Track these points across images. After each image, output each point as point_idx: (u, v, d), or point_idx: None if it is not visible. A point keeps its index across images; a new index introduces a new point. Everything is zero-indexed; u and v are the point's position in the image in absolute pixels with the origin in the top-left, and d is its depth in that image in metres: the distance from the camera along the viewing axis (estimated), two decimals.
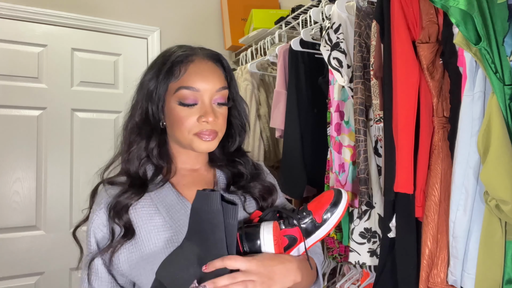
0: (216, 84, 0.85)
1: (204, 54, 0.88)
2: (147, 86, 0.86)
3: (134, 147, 0.86)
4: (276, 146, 2.08)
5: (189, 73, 0.84)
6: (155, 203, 0.85)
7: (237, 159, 0.95)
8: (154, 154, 0.87)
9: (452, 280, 0.96)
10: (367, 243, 1.33)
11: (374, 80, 1.23)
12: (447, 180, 1.01)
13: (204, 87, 0.84)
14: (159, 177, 0.87)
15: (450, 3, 0.86)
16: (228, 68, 0.91)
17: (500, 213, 0.84)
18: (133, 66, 2.31)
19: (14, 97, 2.05)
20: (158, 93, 0.85)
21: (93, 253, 0.82)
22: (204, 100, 0.84)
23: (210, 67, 0.87)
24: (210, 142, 0.85)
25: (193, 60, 0.86)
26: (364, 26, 1.32)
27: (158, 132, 0.87)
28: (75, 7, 2.21)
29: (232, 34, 2.38)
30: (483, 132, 0.85)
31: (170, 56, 0.86)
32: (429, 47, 1.04)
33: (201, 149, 0.85)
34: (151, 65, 0.90)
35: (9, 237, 2.00)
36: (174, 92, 0.84)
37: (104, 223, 0.83)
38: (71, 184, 2.15)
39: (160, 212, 0.84)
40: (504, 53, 0.86)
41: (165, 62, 0.86)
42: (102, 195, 0.86)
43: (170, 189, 0.87)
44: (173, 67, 0.84)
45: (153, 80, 0.86)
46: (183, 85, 0.83)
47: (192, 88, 0.83)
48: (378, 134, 1.30)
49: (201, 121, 0.83)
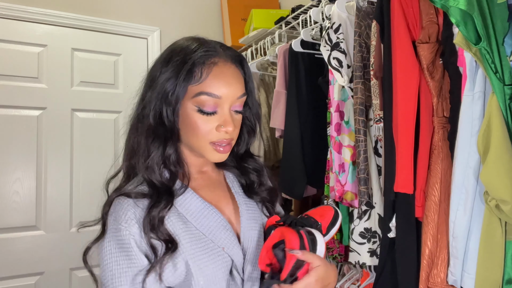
0: (238, 91, 0.80)
1: (227, 56, 0.82)
2: (164, 86, 0.79)
3: (153, 153, 0.79)
4: (276, 146, 2.08)
5: (212, 77, 0.78)
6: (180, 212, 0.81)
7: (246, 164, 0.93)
8: (171, 161, 0.81)
9: (452, 280, 0.96)
10: (367, 243, 1.33)
11: (374, 80, 1.23)
12: (447, 180, 1.01)
13: (226, 94, 0.78)
14: (177, 183, 0.83)
15: (450, 3, 0.86)
16: (249, 71, 0.87)
17: (500, 213, 0.84)
18: (133, 66, 2.31)
19: (14, 97, 2.05)
20: (176, 95, 0.78)
21: (144, 268, 0.75)
22: (223, 107, 0.79)
23: (233, 72, 0.81)
24: (225, 153, 0.82)
25: (216, 62, 0.80)
26: (364, 26, 1.32)
27: (176, 137, 0.81)
28: (75, 7, 2.21)
29: (232, 34, 2.38)
30: (483, 132, 0.85)
31: (190, 54, 0.79)
32: (429, 47, 1.04)
33: (214, 160, 0.82)
34: (166, 60, 0.82)
35: (9, 237, 2.00)
36: (193, 96, 0.78)
37: (140, 239, 0.76)
38: (71, 184, 2.14)
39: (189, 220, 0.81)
40: (504, 53, 0.86)
41: (185, 61, 0.78)
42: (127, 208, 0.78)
43: (193, 196, 0.83)
44: (194, 68, 0.78)
45: (171, 81, 0.78)
46: (204, 90, 0.77)
47: (214, 95, 0.78)
48: (378, 134, 1.30)
49: (220, 130, 0.79)
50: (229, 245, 0.81)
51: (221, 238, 0.81)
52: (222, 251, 0.80)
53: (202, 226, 0.81)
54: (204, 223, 0.81)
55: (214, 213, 0.83)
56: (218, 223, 0.83)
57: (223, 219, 0.84)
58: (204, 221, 0.81)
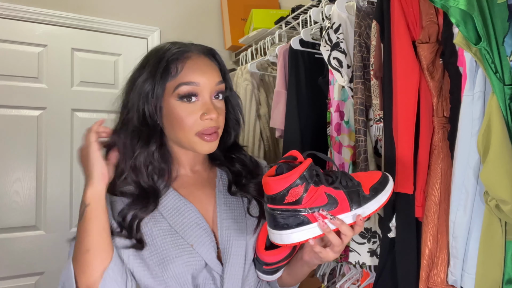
0: (214, 78, 0.83)
1: (199, 50, 0.86)
2: (142, 87, 0.82)
3: (137, 152, 0.82)
4: (276, 146, 2.08)
5: (187, 69, 0.82)
6: (159, 208, 0.83)
7: (234, 156, 0.94)
8: (155, 158, 0.83)
9: (452, 280, 0.96)
10: (367, 243, 1.33)
11: (374, 80, 1.23)
12: (447, 180, 1.01)
13: (203, 81, 0.82)
14: (161, 182, 0.85)
15: (450, 3, 0.86)
16: (222, 62, 0.90)
17: (500, 213, 0.84)
18: (133, 66, 2.30)
19: (14, 97, 2.05)
20: (156, 93, 0.81)
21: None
22: (204, 95, 0.82)
23: (207, 62, 0.85)
24: (213, 142, 0.83)
25: (189, 56, 0.83)
26: (364, 26, 1.32)
27: (158, 134, 0.84)
28: (75, 7, 2.21)
29: (232, 34, 2.38)
30: (483, 132, 0.85)
31: (164, 54, 0.83)
32: (429, 47, 1.04)
33: (204, 151, 0.83)
34: (142, 64, 0.87)
35: (9, 237, 2.00)
36: (173, 91, 0.81)
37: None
38: (71, 184, 2.15)
39: (164, 217, 0.83)
40: (504, 53, 0.85)
41: (160, 60, 0.82)
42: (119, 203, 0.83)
43: (173, 194, 0.85)
44: (169, 65, 0.81)
45: (148, 81, 0.82)
46: (182, 81, 0.81)
47: (192, 83, 0.81)
48: (378, 134, 1.30)
49: (204, 118, 0.80)
50: (198, 242, 0.81)
51: (191, 235, 0.81)
52: (191, 248, 0.81)
53: (175, 222, 0.82)
54: (178, 220, 0.82)
55: (189, 210, 0.84)
56: (192, 220, 0.83)
57: (198, 217, 0.84)
58: (178, 218, 0.83)
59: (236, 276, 0.83)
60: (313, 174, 0.74)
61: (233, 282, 0.82)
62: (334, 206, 0.75)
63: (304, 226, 0.73)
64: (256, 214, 0.90)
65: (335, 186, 0.76)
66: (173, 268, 0.78)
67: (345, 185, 0.77)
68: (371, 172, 0.85)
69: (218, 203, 0.88)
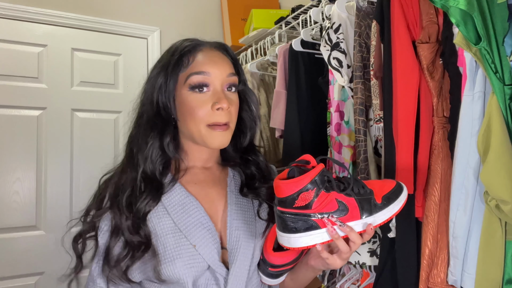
0: (226, 69, 0.84)
1: (211, 44, 0.88)
2: (156, 80, 0.84)
3: (150, 143, 0.83)
4: (276, 146, 2.08)
5: (198, 60, 0.83)
6: (164, 204, 0.83)
7: (250, 158, 0.93)
8: (166, 150, 0.83)
9: (452, 280, 0.96)
10: (367, 243, 1.33)
11: (374, 80, 1.23)
12: (447, 180, 1.01)
13: (214, 71, 0.82)
14: (168, 176, 0.85)
15: (450, 3, 0.86)
16: (235, 57, 0.90)
17: (500, 213, 0.84)
18: (133, 66, 2.31)
19: (14, 97, 2.05)
20: (168, 85, 0.82)
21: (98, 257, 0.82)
22: (215, 85, 0.82)
23: (219, 54, 0.86)
24: (223, 135, 0.81)
25: (201, 49, 0.85)
26: (364, 26, 1.32)
27: (171, 128, 0.84)
28: (75, 7, 2.21)
29: (232, 34, 2.38)
30: (483, 132, 0.85)
31: (176, 48, 0.85)
32: (429, 47, 1.04)
33: (215, 144, 0.82)
34: (158, 61, 0.88)
35: (9, 237, 2.00)
36: (184, 81, 0.82)
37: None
38: (71, 184, 2.15)
39: (169, 214, 0.82)
40: (504, 53, 0.85)
41: (173, 54, 0.84)
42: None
43: (180, 189, 0.85)
44: (181, 57, 0.83)
45: (161, 74, 0.84)
46: (193, 71, 0.81)
47: (203, 73, 0.81)
48: (378, 134, 1.30)
49: (215, 108, 0.80)
50: (201, 243, 0.80)
51: (195, 235, 0.80)
52: (193, 248, 0.79)
53: (180, 220, 0.81)
54: (182, 218, 0.81)
55: (195, 208, 0.83)
56: (196, 219, 0.82)
57: (203, 216, 0.83)
58: (183, 216, 0.82)
59: (241, 278, 0.82)
60: (324, 179, 0.73)
61: (237, 284, 0.81)
62: (344, 213, 0.75)
63: (313, 231, 0.73)
64: (266, 217, 0.89)
65: (347, 193, 0.75)
66: (172, 269, 0.77)
67: (357, 192, 0.76)
68: (385, 181, 0.84)
69: (229, 202, 0.87)
